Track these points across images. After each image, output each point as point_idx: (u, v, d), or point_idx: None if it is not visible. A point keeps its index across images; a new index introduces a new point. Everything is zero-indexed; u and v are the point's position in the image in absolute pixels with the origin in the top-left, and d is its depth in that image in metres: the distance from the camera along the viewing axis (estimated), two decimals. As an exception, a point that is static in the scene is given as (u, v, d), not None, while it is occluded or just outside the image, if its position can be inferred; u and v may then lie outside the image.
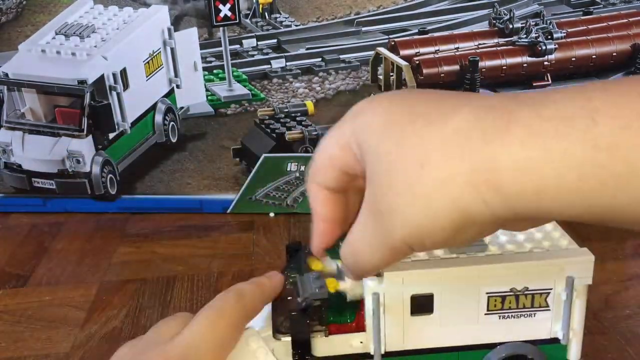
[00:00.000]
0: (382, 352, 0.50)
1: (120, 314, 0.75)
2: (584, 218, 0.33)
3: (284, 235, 0.90)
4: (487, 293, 0.50)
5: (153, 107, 0.95)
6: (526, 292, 0.49)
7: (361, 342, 0.50)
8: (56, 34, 0.91)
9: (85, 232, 0.93)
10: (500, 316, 0.50)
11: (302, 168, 0.93)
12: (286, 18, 0.94)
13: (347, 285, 0.49)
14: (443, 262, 0.49)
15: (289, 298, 0.50)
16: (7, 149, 0.93)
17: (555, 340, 0.51)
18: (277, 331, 0.49)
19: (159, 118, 0.95)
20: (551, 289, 0.50)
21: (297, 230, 0.90)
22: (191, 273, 0.82)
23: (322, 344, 0.50)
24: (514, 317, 0.50)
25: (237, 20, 0.91)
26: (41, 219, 0.96)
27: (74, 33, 0.91)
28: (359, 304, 0.50)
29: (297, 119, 0.93)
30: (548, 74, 0.90)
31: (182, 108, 0.96)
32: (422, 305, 0.49)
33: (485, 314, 0.50)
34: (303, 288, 0.49)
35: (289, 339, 0.49)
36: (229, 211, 0.95)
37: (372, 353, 0.50)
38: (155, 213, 0.96)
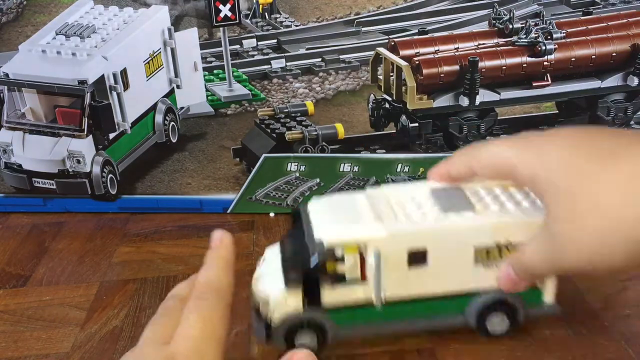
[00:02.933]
0: (383, 300, 0.57)
1: (120, 313, 0.75)
2: None
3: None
4: (474, 247, 0.56)
5: (153, 107, 0.95)
6: (508, 245, 0.56)
7: (364, 292, 0.57)
8: (56, 34, 0.91)
9: (86, 232, 0.93)
10: (485, 267, 0.58)
11: (302, 168, 0.93)
12: (286, 18, 0.94)
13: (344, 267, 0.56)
14: (436, 220, 0.56)
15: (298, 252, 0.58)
16: (7, 149, 0.93)
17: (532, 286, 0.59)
18: (289, 284, 0.57)
19: (159, 118, 0.95)
20: None
21: (297, 230, 0.90)
22: (191, 273, 0.81)
23: (329, 294, 0.57)
24: (498, 267, 0.57)
25: (237, 21, 0.91)
26: (41, 218, 0.96)
27: (75, 33, 0.91)
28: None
29: (297, 119, 0.93)
30: (548, 74, 0.90)
31: (182, 108, 0.97)
32: (417, 258, 0.56)
33: (473, 265, 0.57)
34: (310, 243, 0.56)
35: (299, 290, 0.57)
36: (229, 211, 0.95)
37: (374, 302, 0.57)
38: (155, 213, 0.96)
